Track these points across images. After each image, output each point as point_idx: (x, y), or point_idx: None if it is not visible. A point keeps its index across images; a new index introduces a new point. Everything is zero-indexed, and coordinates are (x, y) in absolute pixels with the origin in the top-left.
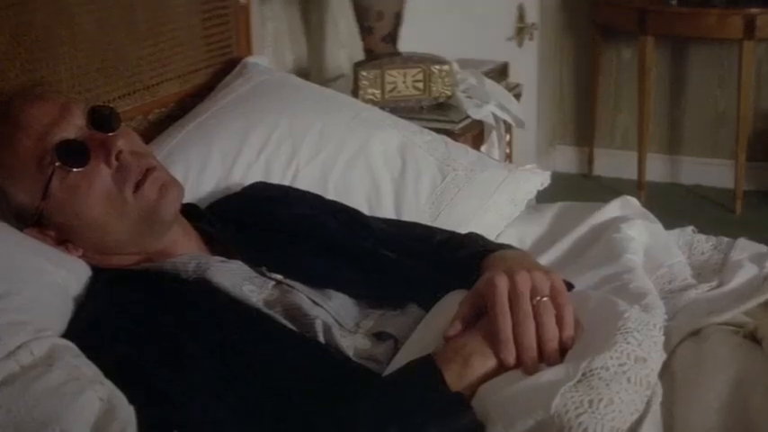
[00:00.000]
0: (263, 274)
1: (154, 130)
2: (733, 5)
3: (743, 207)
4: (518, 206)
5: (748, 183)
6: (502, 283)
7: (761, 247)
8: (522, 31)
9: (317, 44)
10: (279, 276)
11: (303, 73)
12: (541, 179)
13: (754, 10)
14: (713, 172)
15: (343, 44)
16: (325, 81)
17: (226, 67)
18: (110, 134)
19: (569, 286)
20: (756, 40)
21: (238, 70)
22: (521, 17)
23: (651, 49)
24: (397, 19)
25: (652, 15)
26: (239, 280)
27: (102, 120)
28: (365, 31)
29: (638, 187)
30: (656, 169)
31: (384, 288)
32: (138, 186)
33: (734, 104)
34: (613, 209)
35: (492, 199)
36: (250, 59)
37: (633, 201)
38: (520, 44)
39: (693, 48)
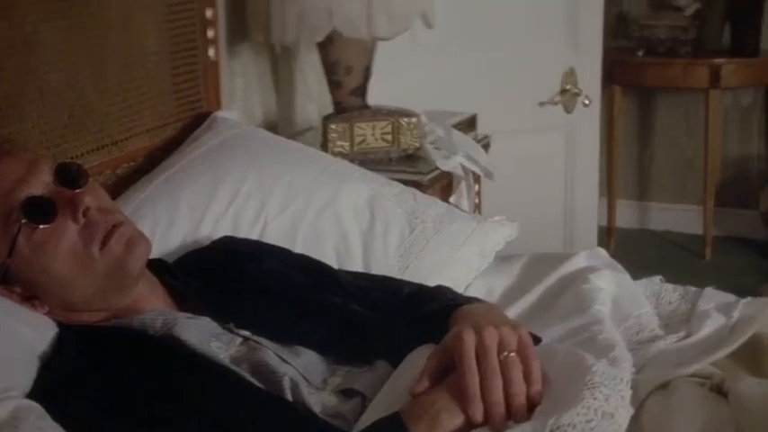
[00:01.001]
0: (230, 331)
1: (122, 185)
2: (698, 56)
3: (712, 252)
4: (486, 258)
5: (717, 228)
6: (469, 339)
7: (728, 297)
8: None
9: (286, 98)
10: (246, 333)
11: (272, 126)
12: (510, 231)
13: (718, 60)
14: (682, 218)
15: (313, 97)
16: (295, 134)
17: (195, 122)
18: (77, 191)
19: (537, 340)
20: (722, 89)
21: (207, 124)
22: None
23: (619, 97)
24: (366, 73)
25: (619, 66)
26: (206, 336)
27: (70, 176)
28: (334, 85)
29: (607, 233)
30: (626, 215)
31: (352, 344)
32: (104, 242)
33: (701, 151)
34: (581, 259)
35: (461, 251)
36: (219, 114)
37: (601, 251)
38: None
39: (661, 96)
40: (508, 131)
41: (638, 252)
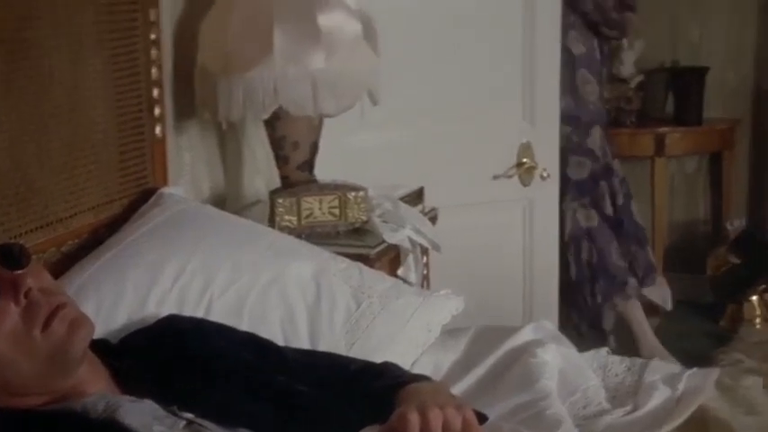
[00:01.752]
0: (174, 414)
1: (68, 262)
2: (643, 126)
3: (662, 317)
4: (433, 332)
5: None
6: (414, 419)
7: (673, 368)
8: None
9: (234, 172)
10: (190, 416)
11: (220, 200)
12: (456, 304)
13: (663, 129)
14: None
15: (261, 171)
16: (243, 207)
17: (141, 198)
18: (18, 272)
19: (483, 418)
20: (667, 157)
21: (154, 201)
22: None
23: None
24: (313, 147)
25: None
26: (149, 420)
27: (11, 257)
28: (281, 160)
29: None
30: None
31: (297, 425)
32: (46, 324)
33: (649, 218)
34: (527, 332)
35: (407, 326)
36: (166, 190)
37: (547, 324)
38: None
39: None
40: (464, 204)
41: None
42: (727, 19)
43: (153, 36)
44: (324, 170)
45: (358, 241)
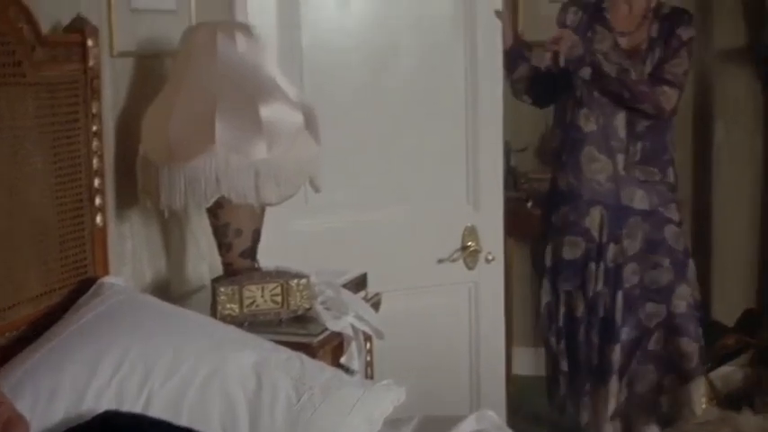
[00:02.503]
0: None
1: (5, 354)
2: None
3: None
4: (375, 424)
5: None
6: None
7: None
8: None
9: (177, 259)
10: None
11: (163, 287)
12: (397, 395)
13: None
14: None
15: (204, 257)
16: (186, 294)
17: (81, 288)
18: None
19: None
20: None
21: (94, 291)
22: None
23: (512, 247)
24: (256, 235)
25: (511, 217)
26: None
27: None
28: (224, 247)
29: (505, 381)
30: (524, 363)
31: None
32: None
33: None
34: (470, 423)
35: (349, 418)
36: (106, 279)
37: (491, 414)
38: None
39: None
40: (409, 288)
41: (536, 399)
42: None
43: (95, 128)
44: (268, 256)
45: (301, 329)
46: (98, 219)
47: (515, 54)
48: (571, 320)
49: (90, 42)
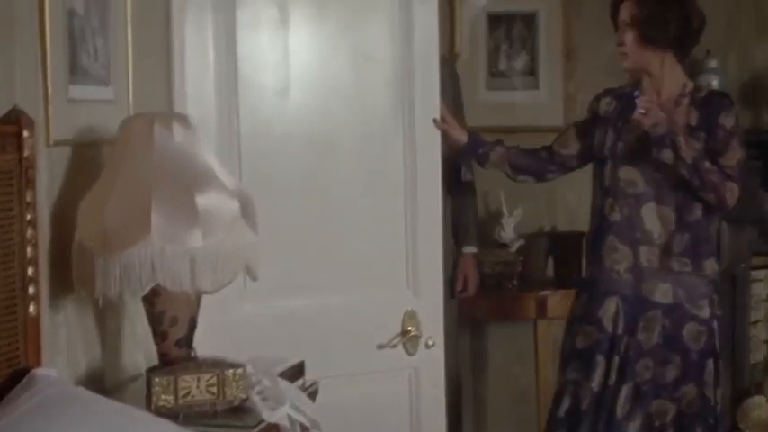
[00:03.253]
0: None
1: None
2: (525, 289)
3: None
4: None
5: None
6: None
7: None
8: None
9: (112, 348)
10: None
11: (98, 377)
12: None
13: (544, 292)
14: None
15: (140, 345)
16: (121, 384)
17: (13, 379)
18: None
19: None
20: (549, 319)
21: (25, 383)
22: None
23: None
24: (192, 323)
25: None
26: None
27: None
28: (159, 336)
29: None
30: None
31: None
32: None
33: (533, 380)
34: None
35: None
36: (39, 371)
37: None
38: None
39: (492, 328)
40: (348, 374)
41: None
42: None
43: (29, 216)
44: (204, 344)
45: (237, 421)
46: (31, 308)
47: (473, 148)
48: (575, 412)
49: (26, 133)
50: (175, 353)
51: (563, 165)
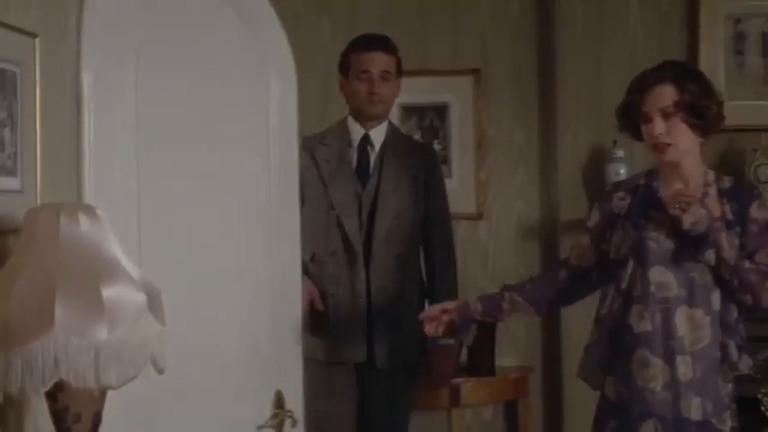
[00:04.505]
0: None
1: None
2: None
3: None
4: None
5: None
6: None
7: None
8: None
9: None
10: None
11: None
12: None
13: (457, 380)
14: None
15: None
16: None
17: None
18: None
19: None
20: (462, 407)
21: None
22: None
23: None
24: (96, 418)
25: None
26: None
27: None
28: None
29: None
30: None
31: None
32: None
33: None
34: None
35: None
36: None
37: None
38: None
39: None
40: None
41: None
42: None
43: None
44: None
45: None
46: None
47: (466, 322)
48: None
49: None
50: None
51: (586, 279)
